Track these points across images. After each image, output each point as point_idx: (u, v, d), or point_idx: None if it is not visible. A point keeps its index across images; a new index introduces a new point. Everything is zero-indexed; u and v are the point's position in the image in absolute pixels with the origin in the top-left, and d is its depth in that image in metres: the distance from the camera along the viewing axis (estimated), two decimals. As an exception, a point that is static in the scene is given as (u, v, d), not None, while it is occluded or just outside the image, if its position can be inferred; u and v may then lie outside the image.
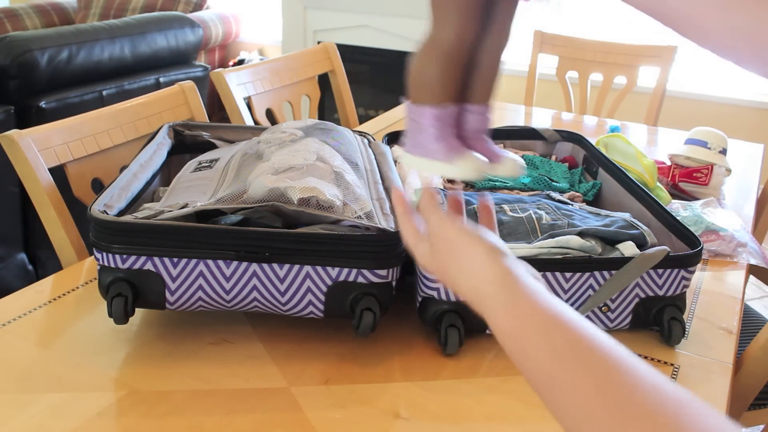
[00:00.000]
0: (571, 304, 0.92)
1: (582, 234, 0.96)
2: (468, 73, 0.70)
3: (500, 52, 0.69)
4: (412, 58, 0.69)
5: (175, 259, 0.84)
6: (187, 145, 1.24)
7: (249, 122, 1.77)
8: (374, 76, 3.90)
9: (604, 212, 1.07)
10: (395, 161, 1.21)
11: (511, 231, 1.01)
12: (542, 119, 2.09)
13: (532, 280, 0.53)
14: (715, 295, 1.09)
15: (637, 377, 0.42)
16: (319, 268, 0.85)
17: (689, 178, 1.46)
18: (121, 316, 0.84)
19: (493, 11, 0.67)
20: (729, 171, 1.51)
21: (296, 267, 0.85)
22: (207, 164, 1.09)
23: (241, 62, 3.99)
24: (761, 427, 1.19)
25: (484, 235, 0.58)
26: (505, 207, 1.07)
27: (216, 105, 3.62)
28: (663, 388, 0.40)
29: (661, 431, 0.38)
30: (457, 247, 0.58)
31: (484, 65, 0.69)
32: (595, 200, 1.25)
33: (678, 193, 1.47)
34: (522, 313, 0.50)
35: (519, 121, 2.03)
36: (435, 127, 0.68)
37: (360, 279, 0.86)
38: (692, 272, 0.94)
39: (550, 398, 0.45)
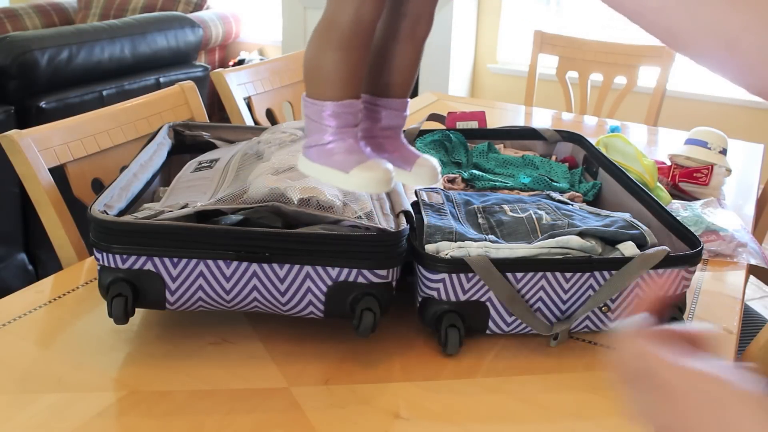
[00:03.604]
0: (571, 304, 0.92)
1: (582, 234, 0.96)
2: (381, 64, 0.62)
3: (418, 39, 0.62)
4: (307, 46, 0.60)
5: (175, 259, 0.84)
6: (187, 145, 1.23)
7: (249, 122, 1.77)
8: (374, 76, 3.89)
9: (604, 212, 1.07)
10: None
11: (511, 231, 1.01)
12: (542, 119, 2.09)
13: None
14: (715, 295, 1.09)
15: None
16: (319, 268, 0.85)
17: (689, 178, 1.46)
18: (121, 316, 0.84)
19: None
20: (729, 171, 1.51)
21: (296, 267, 0.85)
22: (207, 164, 1.09)
23: (241, 62, 3.99)
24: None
25: (753, 385, 0.41)
26: (505, 207, 1.07)
27: (216, 105, 3.61)
28: None
29: None
30: (716, 404, 0.42)
31: (400, 54, 0.62)
32: (595, 200, 1.25)
33: (678, 193, 1.47)
34: None
35: (519, 121, 2.03)
36: (334, 127, 0.60)
37: (360, 279, 0.86)
38: (692, 272, 0.94)
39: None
